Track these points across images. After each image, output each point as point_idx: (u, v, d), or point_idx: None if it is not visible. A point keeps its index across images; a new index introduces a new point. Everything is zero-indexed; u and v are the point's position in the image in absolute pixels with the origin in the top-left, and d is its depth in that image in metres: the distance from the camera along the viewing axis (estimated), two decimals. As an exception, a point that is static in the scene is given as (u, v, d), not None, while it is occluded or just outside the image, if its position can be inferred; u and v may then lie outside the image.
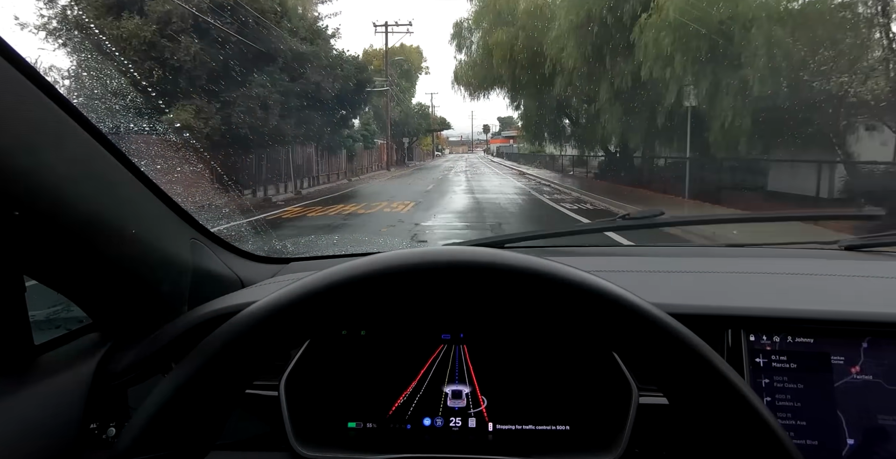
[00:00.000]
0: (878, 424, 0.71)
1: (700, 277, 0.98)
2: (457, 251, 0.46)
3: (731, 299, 0.83)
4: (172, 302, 0.82)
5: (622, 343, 0.45)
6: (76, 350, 0.74)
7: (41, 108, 0.56)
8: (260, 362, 0.46)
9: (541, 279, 0.44)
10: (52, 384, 0.67)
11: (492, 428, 0.84)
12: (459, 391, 0.85)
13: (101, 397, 0.72)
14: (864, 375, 0.73)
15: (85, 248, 0.63)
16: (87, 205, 0.61)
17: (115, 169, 0.68)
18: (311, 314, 0.45)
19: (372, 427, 0.85)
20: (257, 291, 0.96)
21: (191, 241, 0.88)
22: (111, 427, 0.74)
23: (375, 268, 0.45)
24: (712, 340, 0.77)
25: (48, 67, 8.03)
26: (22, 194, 0.53)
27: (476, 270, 0.44)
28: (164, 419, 0.44)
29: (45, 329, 0.79)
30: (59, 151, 0.58)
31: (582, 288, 0.44)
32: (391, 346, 0.86)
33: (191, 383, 0.44)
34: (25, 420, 0.61)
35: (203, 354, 0.45)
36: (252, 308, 0.46)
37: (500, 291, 0.44)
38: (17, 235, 0.55)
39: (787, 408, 0.73)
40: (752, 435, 0.42)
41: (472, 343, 0.86)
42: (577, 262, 0.72)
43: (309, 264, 1.21)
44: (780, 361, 0.75)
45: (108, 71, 3.14)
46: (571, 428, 0.83)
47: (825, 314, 0.76)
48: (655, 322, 0.43)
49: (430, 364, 0.85)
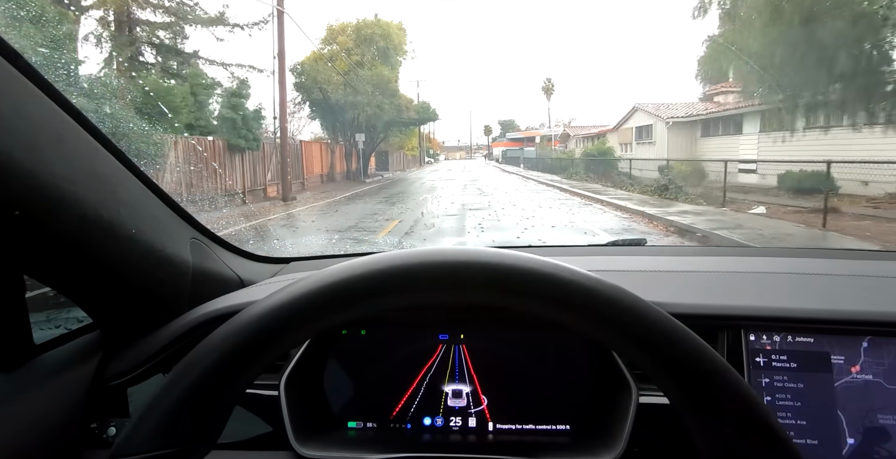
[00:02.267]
0: (878, 423, 0.71)
1: (700, 277, 0.98)
2: (457, 251, 0.46)
3: (731, 298, 0.83)
4: (172, 302, 0.82)
5: (622, 343, 0.45)
6: (76, 350, 0.74)
7: (41, 108, 0.56)
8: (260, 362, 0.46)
9: (541, 278, 0.44)
10: (52, 384, 0.67)
11: (492, 428, 0.84)
12: (460, 390, 0.85)
13: (101, 397, 0.72)
14: (865, 374, 0.73)
15: (85, 248, 0.63)
16: (87, 205, 0.61)
17: (115, 169, 0.68)
18: (312, 314, 0.45)
19: (372, 426, 0.85)
20: (257, 291, 0.96)
21: (191, 241, 0.88)
22: (111, 426, 0.74)
23: (375, 268, 0.45)
24: (712, 339, 0.77)
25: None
26: (22, 195, 0.53)
27: (476, 269, 0.44)
28: (164, 418, 0.44)
29: (45, 329, 0.79)
30: (59, 151, 0.58)
31: (582, 287, 0.44)
32: (391, 346, 0.86)
33: (191, 383, 0.44)
34: (25, 419, 0.61)
35: (203, 354, 0.45)
36: (252, 308, 0.46)
37: (500, 290, 0.44)
38: (17, 235, 0.55)
39: (787, 408, 0.73)
40: (752, 435, 0.42)
41: (472, 343, 0.86)
42: (577, 261, 0.72)
43: (309, 264, 1.22)
44: (780, 360, 0.75)
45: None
46: (571, 428, 0.83)
47: (825, 314, 0.76)
48: (655, 322, 0.43)
49: (431, 364, 0.85)
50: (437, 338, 0.86)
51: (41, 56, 3.68)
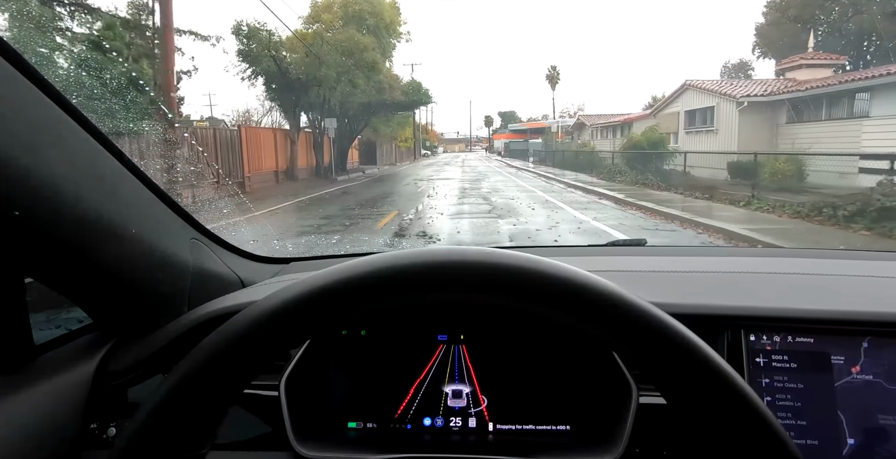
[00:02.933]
0: (879, 424, 0.71)
1: (700, 277, 0.98)
2: (457, 251, 0.46)
3: (731, 299, 0.82)
4: (173, 302, 0.82)
5: (622, 343, 0.45)
6: (76, 350, 0.74)
7: (41, 108, 0.56)
8: (260, 362, 0.46)
9: (542, 278, 0.44)
10: (52, 384, 0.67)
11: (492, 428, 0.84)
12: (460, 390, 0.85)
13: (101, 397, 0.72)
14: (865, 375, 0.73)
15: (85, 248, 0.63)
16: (87, 205, 0.61)
17: (115, 169, 0.68)
18: (311, 313, 0.45)
19: (372, 426, 0.85)
20: (257, 291, 0.96)
21: (191, 241, 0.88)
22: (111, 426, 0.74)
23: (376, 268, 0.45)
24: (712, 340, 0.77)
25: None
26: (22, 195, 0.53)
27: (476, 268, 0.44)
28: (164, 418, 0.44)
29: (45, 329, 0.79)
30: (59, 151, 0.58)
31: (583, 287, 0.44)
32: (391, 346, 0.86)
33: (191, 383, 0.44)
34: (25, 419, 0.61)
35: (203, 354, 0.45)
36: (252, 308, 0.46)
37: (501, 290, 0.44)
38: (17, 235, 0.55)
39: (787, 408, 0.73)
40: (752, 435, 0.42)
41: (471, 343, 0.86)
42: (577, 261, 0.72)
43: (309, 264, 1.22)
44: (780, 361, 0.75)
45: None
46: (571, 428, 0.83)
47: (825, 314, 0.76)
48: (656, 322, 0.43)
49: (431, 364, 0.85)
50: (437, 339, 0.86)
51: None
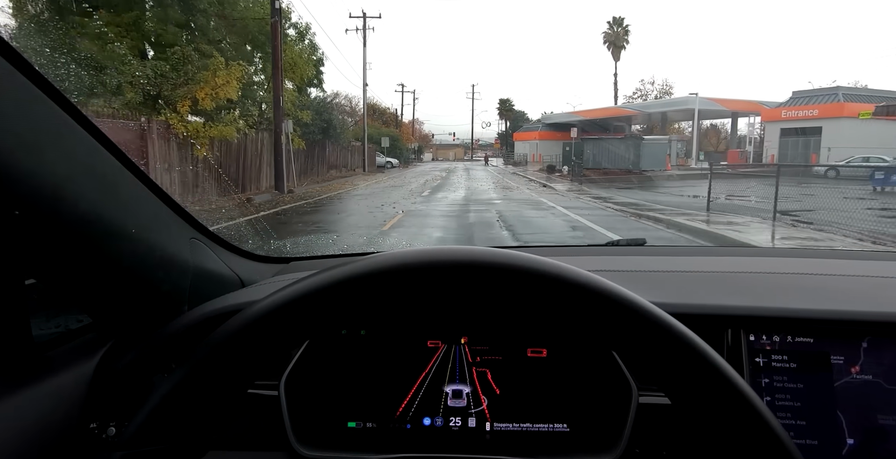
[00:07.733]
0: (878, 424, 0.71)
1: (700, 277, 0.98)
2: (457, 251, 0.46)
3: (731, 299, 0.82)
4: (172, 302, 0.82)
5: (623, 343, 0.45)
6: (76, 350, 0.74)
7: (41, 108, 0.56)
8: (260, 361, 0.46)
9: (542, 278, 0.44)
10: (52, 383, 0.67)
11: (492, 428, 0.84)
12: (460, 390, 0.85)
13: (101, 396, 0.72)
14: (864, 375, 0.73)
15: (85, 248, 0.63)
16: (87, 205, 0.61)
17: (115, 169, 0.68)
18: (311, 313, 0.45)
19: (372, 426, 0.85)
20: (257, 290, 0.96)
21: (191, 240, 0.88)
22: (111, 426, 0.74)
23: (376, 268, 0.45)
24: (712, 340, 0.77)
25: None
26: (22, 194, 0.53)
27: (476, 268, 0.44)
28: (165, 415, 0.44)
29: (45, 329, 0.79)
30: (59, 151, 0.58)
31: (583, 287, 0.44)
32: (391, 346, 0.86)
33: (192, 382, 0.44)
34: (26, 419, 0.61)
35: (204, 353, 0.45)
36: (252, 308, 0.46)
37: (501, 289, 0.44)
38: (17, 235, 0.55)
39: (786, 408, 0.73)
40: (752, 435, 0.42)
41: (472, 343, 0.86)
42: (578, 261, 0.72)
43: (309, 264, 1.21)
44: (780, 361, 0.75)
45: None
46: (571, 428, 0.83)
47: (825, 314, 0.76)
48: (656, 322, 0.43)
49: (431, 364, 0.85)
50: (438, 339, 0.86)
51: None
